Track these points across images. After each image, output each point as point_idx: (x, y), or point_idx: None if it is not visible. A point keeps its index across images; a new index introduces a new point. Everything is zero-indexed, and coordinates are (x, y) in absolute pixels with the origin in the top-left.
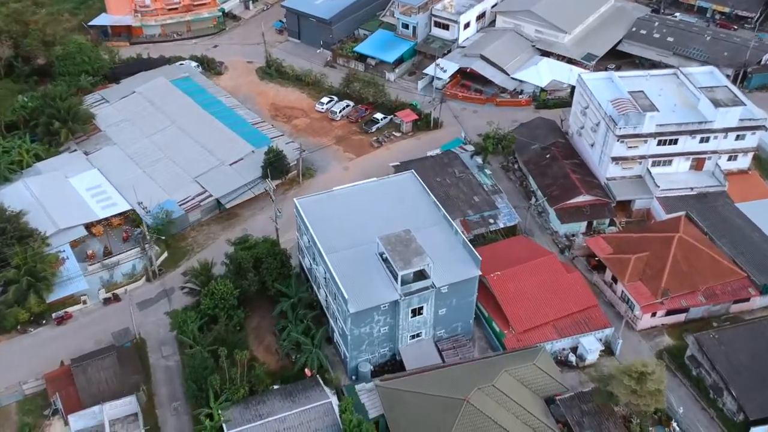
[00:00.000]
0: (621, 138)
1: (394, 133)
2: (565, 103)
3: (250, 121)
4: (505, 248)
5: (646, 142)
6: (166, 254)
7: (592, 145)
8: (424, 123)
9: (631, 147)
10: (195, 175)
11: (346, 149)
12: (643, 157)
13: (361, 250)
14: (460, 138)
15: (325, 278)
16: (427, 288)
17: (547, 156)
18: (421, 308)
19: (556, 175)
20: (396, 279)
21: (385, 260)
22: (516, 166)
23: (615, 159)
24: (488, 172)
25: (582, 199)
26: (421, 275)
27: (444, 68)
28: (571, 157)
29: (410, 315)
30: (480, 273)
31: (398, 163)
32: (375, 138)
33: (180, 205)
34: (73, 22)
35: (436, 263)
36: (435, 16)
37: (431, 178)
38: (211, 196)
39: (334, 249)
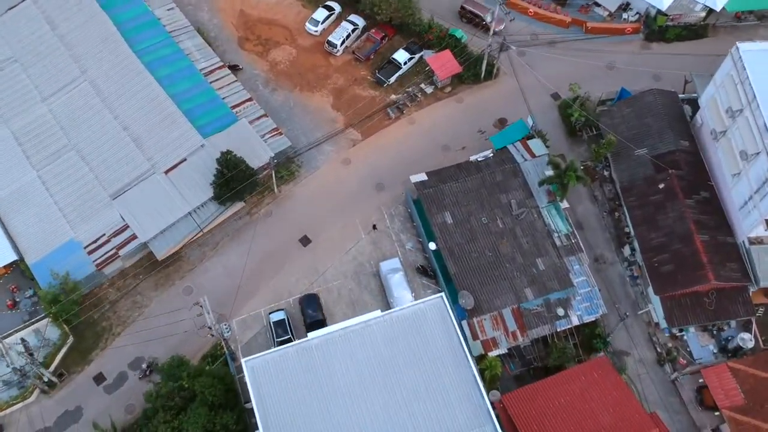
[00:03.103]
0: None
1: (423, 87)
2: (695, 34)
3: (204, 65)
4: (573, 391)
5: None
6: (71, 341)
7: (734, 175)
8: (472, 73)
9: None
10: (113, 191)
11: (348, 120)
12: None
13: None
14: (524, 122)
15: None
16: None
17: (660, 187)
18: None
19: (670, 229)
20: None
21: None
22: (606, 173)
23: None
24: (563, 205)
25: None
26: None
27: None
28: (697, 186)
29: None
30: None
31: (424, 177)
32: (393, 99)
33: (88, 253)
34: None
35: None
36: None
37: (473, 217)
38: (135, 237)
39: None
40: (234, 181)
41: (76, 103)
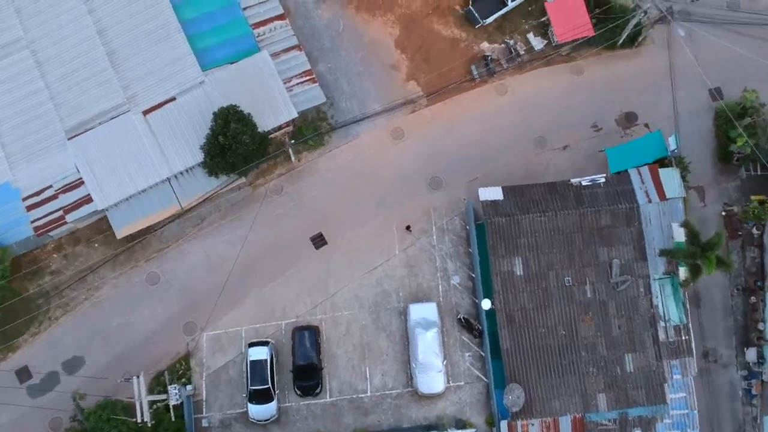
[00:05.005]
0: None
1: (531, 39)
2: None
3: None
4: None
5: None
6: None
7: None
8: (606, 36)
9: None
10: (71, 125)
11: (415, 71)
12: None
13: None
14: (662, 136)
15: None
16: None
17: None
18: None
19: None
20: None
21: None
22: (757, 232)
23: None
24: (683, 285)
25: None
26: None
27: None
28: None
29: None
30: None
31: (498, 194)
32: (484, 50)
33: (27, 208)
34: None
35: None
36: None
37: (554, 273)
38: (91, 200)
39: None
40: (233, 152)
41: None
